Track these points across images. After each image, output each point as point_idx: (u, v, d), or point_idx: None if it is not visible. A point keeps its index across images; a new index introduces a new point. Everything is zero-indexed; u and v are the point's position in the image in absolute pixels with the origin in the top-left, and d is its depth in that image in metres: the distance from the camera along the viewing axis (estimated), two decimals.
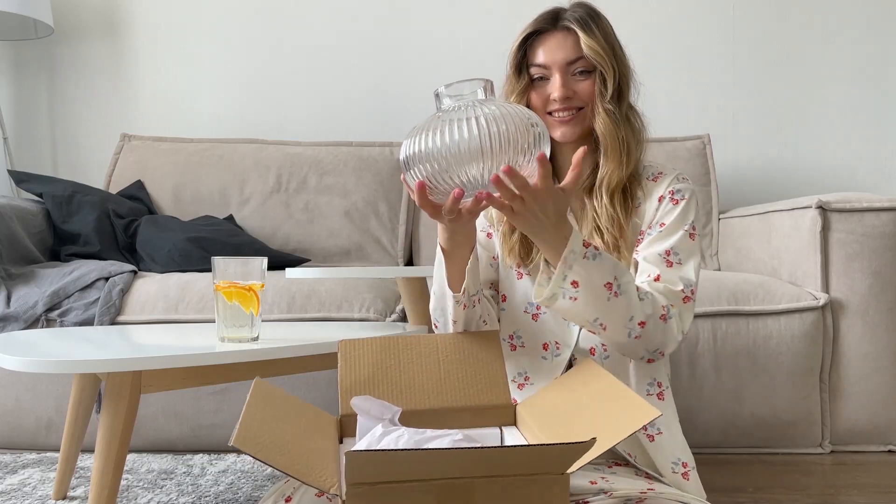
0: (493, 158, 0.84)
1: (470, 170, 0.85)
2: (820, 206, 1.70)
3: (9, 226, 1.90)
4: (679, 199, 1.09)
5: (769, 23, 2.55)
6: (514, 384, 1.13)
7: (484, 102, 0.88)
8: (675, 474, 1.03)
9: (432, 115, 0.89)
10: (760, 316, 1.68)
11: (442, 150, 0.84)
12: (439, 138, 0.84)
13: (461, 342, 1.02)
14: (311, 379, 1.68)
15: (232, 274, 1.16)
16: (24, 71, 2.68)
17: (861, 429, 1.71)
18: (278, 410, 0.83)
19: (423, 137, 0.86)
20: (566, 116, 1.09)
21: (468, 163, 0.84)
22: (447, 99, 0.90)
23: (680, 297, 1.03)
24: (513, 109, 0.87)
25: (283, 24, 2.64)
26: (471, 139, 0.84)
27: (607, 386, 0.88)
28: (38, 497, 1.38)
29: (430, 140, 0.85)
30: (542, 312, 1.13)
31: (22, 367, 1.01)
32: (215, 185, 2.33)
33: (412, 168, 0.88)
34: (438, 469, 0.67)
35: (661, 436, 1.05)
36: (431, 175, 0.86)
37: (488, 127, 0.84)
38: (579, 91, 1.09)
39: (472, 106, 0.87)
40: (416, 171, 0.87)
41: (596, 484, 0.95)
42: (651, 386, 1.09)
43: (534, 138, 0.86)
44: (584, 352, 1.10)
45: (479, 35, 2.55)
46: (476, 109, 0.86)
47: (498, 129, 0.84)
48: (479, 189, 0.87)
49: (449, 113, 0.87)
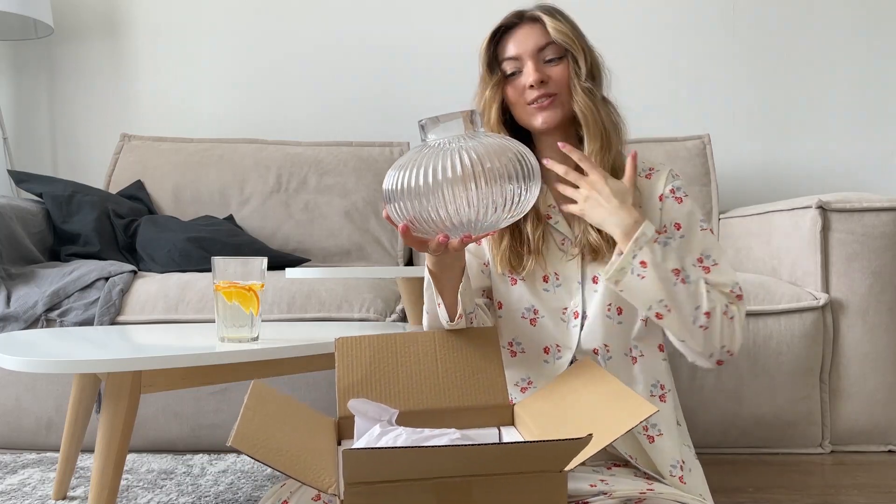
0: (479, 196, 0.82)
1: (457, 209, 0.83)
2: (820, 206, 1.69)
3: (9, 226, 1.90)
4: (682, 197, 1.10)
5: (769, 23, 2.54)
6: (516, 388, 1.13)
7: (470, 137, 0.86)
8: (674, 477, 1.03)
9: (417, 149, 0.87)
10: (760, 316, 1.68)
11: (426, 189, 0.82)
12: (422, 176, 0.82)
13: (459, 340, 1.02)
14: (311, 379, 1.68)
15: (232, 274, 1.16)
16: (24, 71, 2.68)
17: (861, 429, 1.71)
18: (276, 411, 0.83)
19: (408, 174, 0.83)
20: (544, 102, 1.09)
21: (453, 201, 0.82)
22: (432, 134, 0.87)
23: (734, 297, 1.05)
24: (497, 143, 0.86)
25: (283, 24, 2.64)
26: (454, 178, 0.81)
27: (604, 384, 0.88)
28: (38, 497, 1.39)
29: (414, 177, 0.83)
30: (540, 317, 1.12)
31: (22, 367, 1.01)
32: (215, 185, 2.33)
33: (395, 202, 0.86)
34: (437, 467, 0.67)
35: (661, 437, 1.05)
36: (416, 212, 0.84)
37: (472, 167, 0.82)
38: (553, 76, 1.10)
39: (457, 141, 0.85)
40: (398, 206, 0.85)
41: (595, 487, 0.95)
42: (654, 388, 1.09)
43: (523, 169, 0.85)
44: (586, 353, 1.09)
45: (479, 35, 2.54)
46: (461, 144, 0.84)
47: (482, 168, 0.82)
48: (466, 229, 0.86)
49: (434, 150, 0.85)
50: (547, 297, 1.11)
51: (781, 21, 2.54)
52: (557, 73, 1.09)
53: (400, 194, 0.84)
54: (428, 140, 0.88)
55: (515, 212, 0.87)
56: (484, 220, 0.85)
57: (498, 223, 0.88)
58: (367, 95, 2.62)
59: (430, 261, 1.00)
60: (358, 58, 2.62)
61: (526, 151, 0.88)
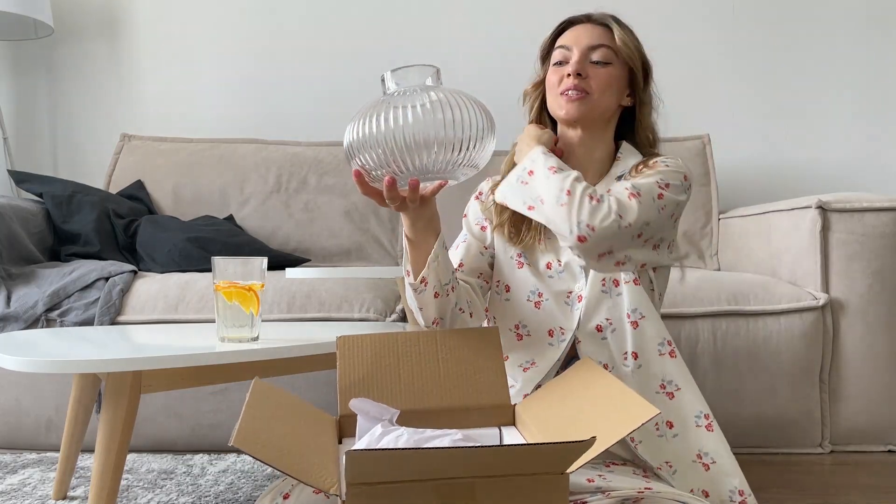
0: (443, 144, 0.81)
1: (418, 157, 0.82)
2: (820, 206, 1.70)
3: (9, 226, 1.90)
4: (656, 165, 1.13)
5: (769, 22, 2.54)
6: (519, 369, 1.14)
7: (431, 88, 0.85)
8: (700, 427, 1.06)
9: (377, 99, 0.85)
10: (760, 316, 1.68)
11: (387, 136, 0.81)
12: (384, 124, 0.82)
13: (461, 340, 1.02)
14: (311, 379, 1.67)
15: (232, 274, 1.16)
16: (24, 71, 2.68)
17: (861, 429, 1.71)
18: (278, 410, 0.83)
19: (367, 122, 0.83)
20: (574, 95, 1.13)
21: (417, 150, 0.82)
22: (392, 83, 0.87)
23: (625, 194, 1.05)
24: (460, 96, 0.85)
25: (283, 24, 2.64)
26: (415, 125, 0.81)
27: (605, 385, 0.88)
28: (38, 497, 1.39)
29: (374, 125, 0.82)
30: (544, 300, 1.14)
31: (22, 367, 1.01)
32: (215, 185, 2.33)
33: (357, 156, 0.85)
34: (439, 468, 0.67)
35: (679, 392, 1.08)
36: (378, 163, 0.84)
37: (434, 113, 0.81)
38: (593, 75, 1.14)
39: (418, 91, 0.84)
40: (360, 158, 0.84)
41: (593, 482, 0.95)
42: (662, 346, 1.10)
43: (484, 123, 0.85)
44: (587, 332, 1.11)
45: (479, 35, 2.55)
46: (423, 95, 0.83)
47: (444, 117, 0.81)
48: (418, 173, 0.85)
49: (395, 98, 0.84)
50: (551, 282, 1.14)
51: (781, 21, 2.54)
52: (599, 75, 1.14)
53: (360, 142, 0.84)
54: (388, 90, 0.87)
55: (468, 160, 0.86)
56: (435, 163, 0.84)
57: (448, 169, 0.86)
58: (367, 95, 2.60)
59: (405, 224, 1.02)
60: (358, 58, 2.62)
61: (483, 105, 0.88)
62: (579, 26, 1.18)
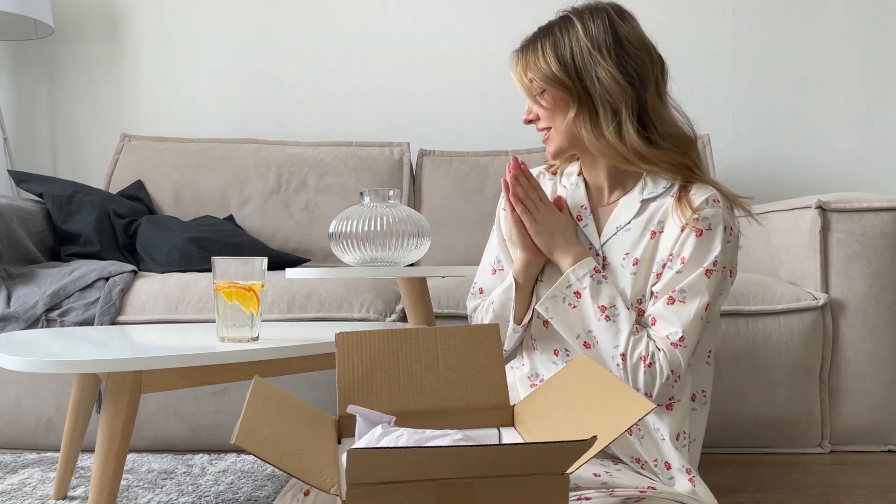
0: (392, 242, 1.29)
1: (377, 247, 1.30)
2: (820, 206, 1.70)
3: (9, 226, 1.90)
4: (703, 229, 1.03)
5: (769, 23, 2.55)
6: (527, 380, 1.15)
7: (391, 207, 1.31)
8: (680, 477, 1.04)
9: (356, 207, 1.32)
10: (760, 316, 1.68)
11: (360, 233, 1.29)
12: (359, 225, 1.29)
13: (461, 340, 1.01)
14: (311, 379, 1.68)
15: (232, 274, 1.16)
16: (24, 71, 2.68)
17: (861, 429, 1.71)
18: (278, 409, 0.83)
19: (349, 223, 1.30)
20: (543, 136, 1.15)
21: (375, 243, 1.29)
22: (367, 198, 1.32)
23: (667, 344, 1.02)
24: (407, 214, 1.31)
25: (282, 24, 2.64)
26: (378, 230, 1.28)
27: (601, 381, 0.88)
28: (38, 497, 1.39)
29: (354, 226, 1.29)
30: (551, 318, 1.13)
31: (22, 367, 1.01)
32: (215, 185, 2.33)
33: (340, 242, 1.31)
34: (439, 468, 0.67)
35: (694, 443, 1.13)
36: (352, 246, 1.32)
37: (390, 225, 1.28)
38: (540, 111, 1.12)
39: (382, 207, 1.30)
40: (343, 244, 1.31)
41: (599, 477, 0.95)
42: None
43: (417, 233, 1.30)
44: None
45: (478, 35, 2.55)
46: (385, 211, 1.29)
47: (394, 229, 1.29)
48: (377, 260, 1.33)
49: (368, 209, 1.30)
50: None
51: (781, 21, 2.54)
52: (543, 108, 1.11)
53: (342, 234, 1.31)
54: (364, 202, 1.33)
55: (406, 255, 1.31)
56: (383, 255, 1.30)
57: (396, 259, 1.32)
58: (367, 95, 2.62)
59: (516, 270, 1.13)
60: (358, 58, 2.62)
61: (418, 217, 1.31)
62: (512, 68, 1.13)
